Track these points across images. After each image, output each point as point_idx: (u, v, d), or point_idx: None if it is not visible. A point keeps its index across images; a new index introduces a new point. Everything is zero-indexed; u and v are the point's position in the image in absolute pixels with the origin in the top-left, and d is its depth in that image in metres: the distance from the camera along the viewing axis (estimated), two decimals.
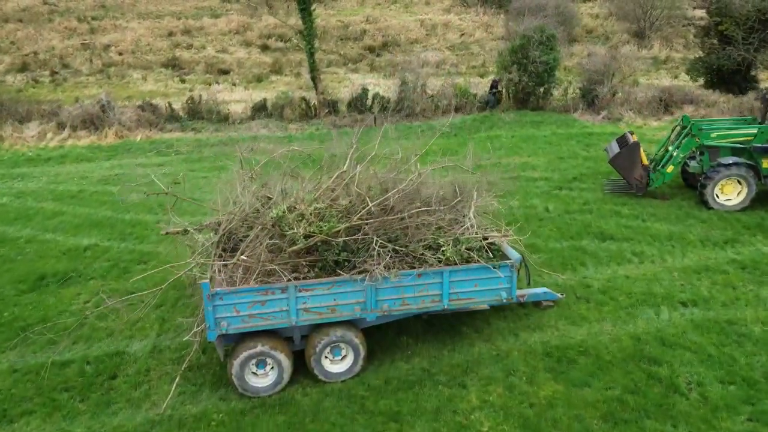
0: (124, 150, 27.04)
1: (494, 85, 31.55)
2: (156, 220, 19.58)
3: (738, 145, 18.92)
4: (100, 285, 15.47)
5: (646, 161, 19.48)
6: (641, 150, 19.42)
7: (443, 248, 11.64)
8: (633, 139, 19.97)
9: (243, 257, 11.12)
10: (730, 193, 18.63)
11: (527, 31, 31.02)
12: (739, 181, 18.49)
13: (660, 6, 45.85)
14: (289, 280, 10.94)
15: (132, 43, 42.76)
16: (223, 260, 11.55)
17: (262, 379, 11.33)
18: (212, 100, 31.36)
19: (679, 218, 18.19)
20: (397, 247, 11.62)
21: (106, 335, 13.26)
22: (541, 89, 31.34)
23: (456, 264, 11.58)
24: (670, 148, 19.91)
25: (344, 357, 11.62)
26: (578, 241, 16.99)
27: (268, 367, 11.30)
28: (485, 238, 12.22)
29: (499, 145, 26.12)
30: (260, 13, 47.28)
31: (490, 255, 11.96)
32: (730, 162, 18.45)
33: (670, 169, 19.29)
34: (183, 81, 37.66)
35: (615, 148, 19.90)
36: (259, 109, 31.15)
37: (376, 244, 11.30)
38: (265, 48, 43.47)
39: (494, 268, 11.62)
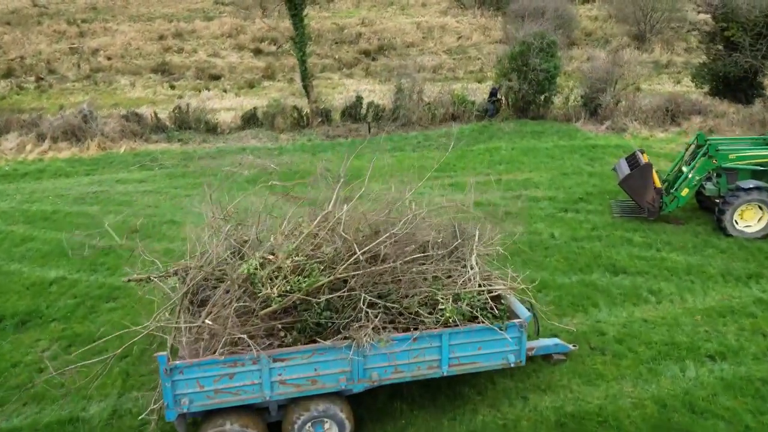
0: (105, 163, 25.17)
1: (493, 93, 29.71)
2: (131, 248, 17.80)
3: (758, 167, 17.16)
4: (61, 328, 13.71)
5: (659, 183, 17.69)
6: (654, 171, 17.64)
7: (442, 305, 9.85)
8: (644, 158, 18.21)
9: (208, 321, 9.32)
10: (750, 220, 16.86)
11: (527, 38, 29.16)
12: (760, 207, 16.72)
13: (660, 8, 44.02)
14: (257, 351, 9.11)
15: (121, 47, 40.81)
16: (187, 322, 9.74)
17: None
18: (200, 109, 29.49)
19: (696, 247, 16.41)
20: (388, 304, 9.85)
21: (61, 395, 11.46)
22: (542, 97, 29.53)
23: (456, 324, 9.80)
24: (685, 169, 18.12)
25: None
26: (588, 274, 15.21)
27: None
28: (490, 291, 10.41)
29: (499, 159, 24.33)
30: (254, 16, 45.39)
31: (495, 312, 10.17)
32: (751, 186, 16.67)
33: (684, 192, 17.49)
34: (172, 87, 35.75)
35: (625, 169, 18.10)
36: (249, 119, 29.29)
37: (363, 303, 9.52)
38: (258, 52, 41.56)
39: (500, 329, 9.86)
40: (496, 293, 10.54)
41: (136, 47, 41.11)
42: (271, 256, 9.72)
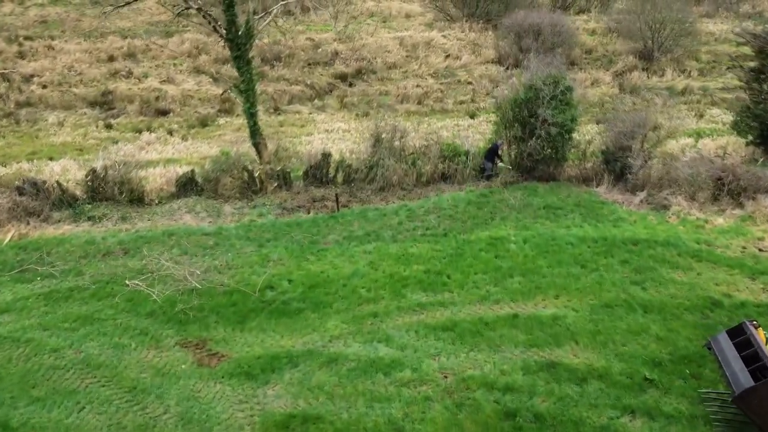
0: None
1: (494, 150, 21.07)
2: None
3: None
4: None
5: None
6: None
7: None
8: (761, 336, 9.88)
9: None
10: None
11: (535, 82, 20.45)
12: None
13: (669, 21, 35.16)
14: None
15: (61, 72, 31.62)
16: None
17: None
18: (125, 170, 20.56)
19: None
20: None
21: None
22: (553, 153, 20.92)
23: None
24: None
25: None
26: None
27: None
28: None
29: (509, 265, 15.82)
30: (219, 31, 36.18)
31: None
32: None
33: None
34: (108, 127, 26.83)
35: (738, 372, 9.64)
36: (186, 184, 20.58)
37: None
38: (218, 77, 32.52)
39: None
40: None
41: (78, 71, 31.92)
42: None
